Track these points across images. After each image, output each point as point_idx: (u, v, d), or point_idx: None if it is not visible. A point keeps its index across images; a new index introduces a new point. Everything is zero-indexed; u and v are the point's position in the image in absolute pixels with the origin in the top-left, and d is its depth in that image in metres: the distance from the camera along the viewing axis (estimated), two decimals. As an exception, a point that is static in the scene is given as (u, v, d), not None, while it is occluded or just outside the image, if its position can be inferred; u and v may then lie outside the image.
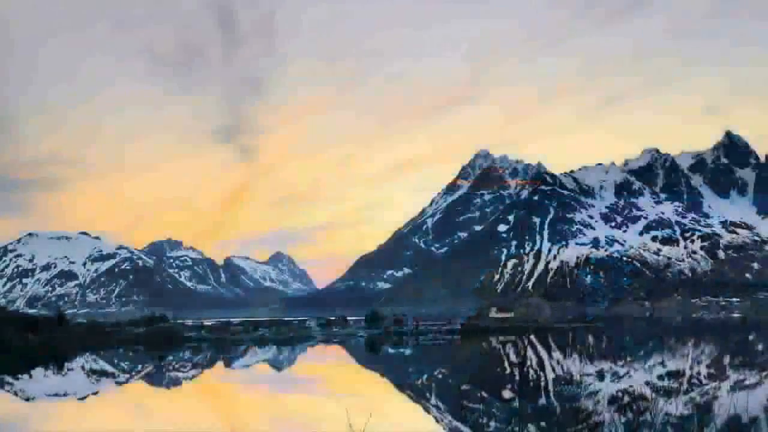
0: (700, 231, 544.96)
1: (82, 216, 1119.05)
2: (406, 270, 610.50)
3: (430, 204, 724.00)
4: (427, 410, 53.09)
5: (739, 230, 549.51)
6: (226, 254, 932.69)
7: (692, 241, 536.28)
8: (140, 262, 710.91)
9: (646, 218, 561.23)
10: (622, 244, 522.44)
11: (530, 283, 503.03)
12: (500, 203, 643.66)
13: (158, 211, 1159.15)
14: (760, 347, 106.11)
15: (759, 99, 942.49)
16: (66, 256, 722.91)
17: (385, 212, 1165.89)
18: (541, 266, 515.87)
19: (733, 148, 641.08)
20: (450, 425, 45.17)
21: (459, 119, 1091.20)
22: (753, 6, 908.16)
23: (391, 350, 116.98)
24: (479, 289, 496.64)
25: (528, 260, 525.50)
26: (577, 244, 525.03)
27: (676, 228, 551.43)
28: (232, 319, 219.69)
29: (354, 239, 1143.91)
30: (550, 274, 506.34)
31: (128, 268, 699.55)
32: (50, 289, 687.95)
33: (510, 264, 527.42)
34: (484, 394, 50.02)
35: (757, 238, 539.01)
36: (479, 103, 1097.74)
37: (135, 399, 65.39)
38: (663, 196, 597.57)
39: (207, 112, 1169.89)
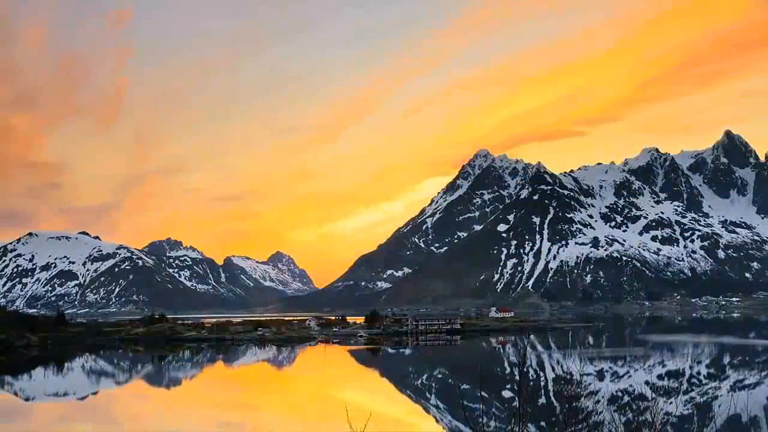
0: (700, 231, 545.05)
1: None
2: (406, 270, 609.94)
3: (430, 204, 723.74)
4: (427, 410, 53.12)
5: (739, 230, 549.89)
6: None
7: (692, 241, 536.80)
8: (140, 262, 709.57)
9: (646, 218, 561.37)
10: (622, 244, 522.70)
11: (530, 283, 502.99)
12: (500, 203, 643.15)
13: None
14: (759, 347, 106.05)
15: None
16: (66, 256, 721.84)
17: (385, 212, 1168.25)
18: (541, 266, 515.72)
19: (733, 147, 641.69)
20: (450, 425, 45.20)
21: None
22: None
23: (391, 350, 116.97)
24: (479, 289, 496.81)
25: (528, 260, 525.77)
26: (577, 243, 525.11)
27: (676, 228, 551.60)
28: (231, 319, 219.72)
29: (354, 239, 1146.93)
30: (550, 274, 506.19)
31: (128, 268, 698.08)
32: (50, 289, 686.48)
33: (510, 264, 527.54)
34: (484, 394, 50.06)
35: (757, 238, 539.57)
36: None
37: (135, 399, 65.39)
38: (663, 195, 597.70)
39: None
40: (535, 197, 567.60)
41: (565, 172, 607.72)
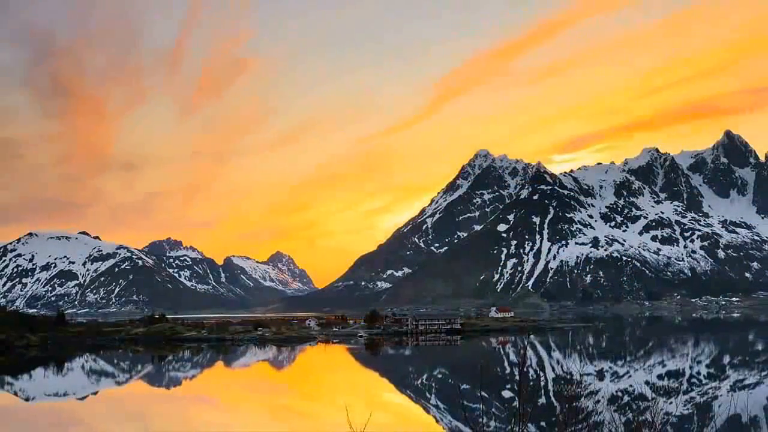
0: (699, 231, 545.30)
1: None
2: (406, 270, 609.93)
3: (430, 204, 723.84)
4: (427, 410, 53.10)
5: (739, 230, 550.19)
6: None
7: (692, 241, 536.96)
8: (140, 262, 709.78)
9: (645, 218, 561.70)
10: (622, 244, 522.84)
11: (530, 283, 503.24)
12: (500, 203, 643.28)
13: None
14: (759, 347, 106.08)
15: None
16: (66, 256, 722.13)
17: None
18: (541, 266, 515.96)
19: (733, 147, 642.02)
20: (450, 425, 45.18)
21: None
22: None
23: (391, 350, 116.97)
24: (479, 289, 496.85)
25: (528, 260, 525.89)
26: (577, 243, 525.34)
27: (676, 227, 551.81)
28: (231, 319, 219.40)
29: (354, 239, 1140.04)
30: (550, 274, 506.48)
31: (128, 268, 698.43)
32: (50, 288, 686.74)
33: (510, 264, 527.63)
34: (484, 394, 50.09)
35: (757, 238, 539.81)
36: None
37: (135, 399, 65.35)
38: (663, 195, 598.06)
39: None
40: (535, 197, 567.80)
41: (565, 172, 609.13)
